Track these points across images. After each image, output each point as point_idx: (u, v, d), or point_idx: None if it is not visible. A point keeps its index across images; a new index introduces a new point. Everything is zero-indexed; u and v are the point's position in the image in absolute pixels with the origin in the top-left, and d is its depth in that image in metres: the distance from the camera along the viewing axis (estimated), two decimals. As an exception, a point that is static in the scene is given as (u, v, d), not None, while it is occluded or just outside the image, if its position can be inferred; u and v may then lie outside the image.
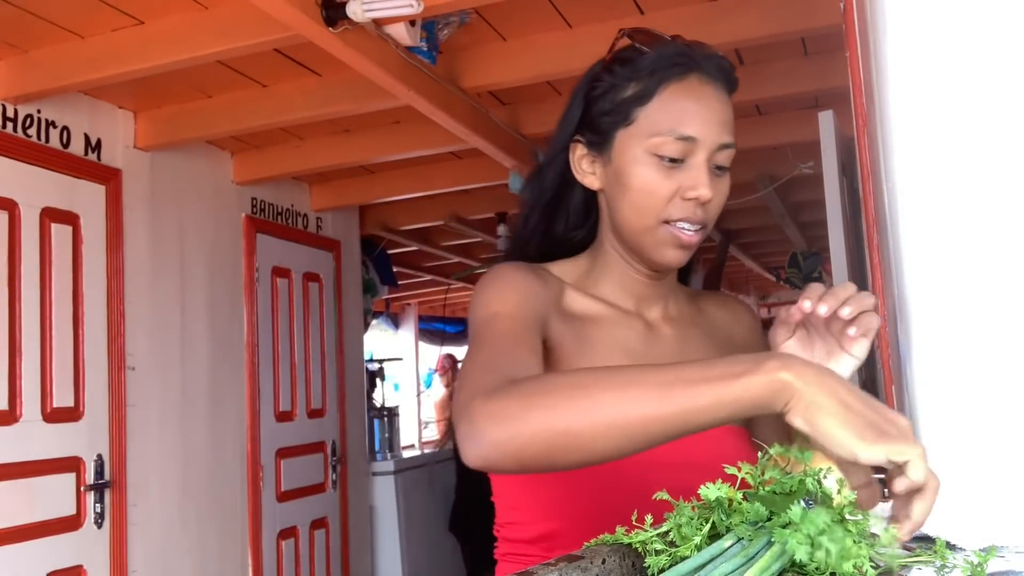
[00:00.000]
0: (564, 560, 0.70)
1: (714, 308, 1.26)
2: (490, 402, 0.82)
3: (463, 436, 0.82)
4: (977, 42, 0.94)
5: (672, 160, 1.03)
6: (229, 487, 3.80)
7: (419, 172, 4.29)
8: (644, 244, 1.08)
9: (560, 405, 0.78)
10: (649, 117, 1.05)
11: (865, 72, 1.16)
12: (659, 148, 1.03)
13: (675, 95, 1.04)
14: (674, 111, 1.04)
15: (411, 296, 7.99)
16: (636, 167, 1.05)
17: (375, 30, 2.46)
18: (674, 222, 1.05)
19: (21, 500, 2.80)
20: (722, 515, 0.68)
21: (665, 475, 0.97)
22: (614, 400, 0.77)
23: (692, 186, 1.03)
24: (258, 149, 3.90)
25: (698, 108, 1.04)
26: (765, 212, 5.19)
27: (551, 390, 0.80)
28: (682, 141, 1.03)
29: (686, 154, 1.03)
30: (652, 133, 1.04)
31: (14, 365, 2.80)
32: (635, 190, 1.06)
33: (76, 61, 2.70)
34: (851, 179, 2.35)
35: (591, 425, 0.77)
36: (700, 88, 1.05)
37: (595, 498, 1.03)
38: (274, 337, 4.17)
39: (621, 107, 1.07)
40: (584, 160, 1.12)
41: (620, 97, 1.07)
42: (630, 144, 1.06)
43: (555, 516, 1.07)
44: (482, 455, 0.81)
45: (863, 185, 1.21)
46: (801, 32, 2.77)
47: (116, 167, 3.26)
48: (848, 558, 0.61)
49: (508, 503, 1.13)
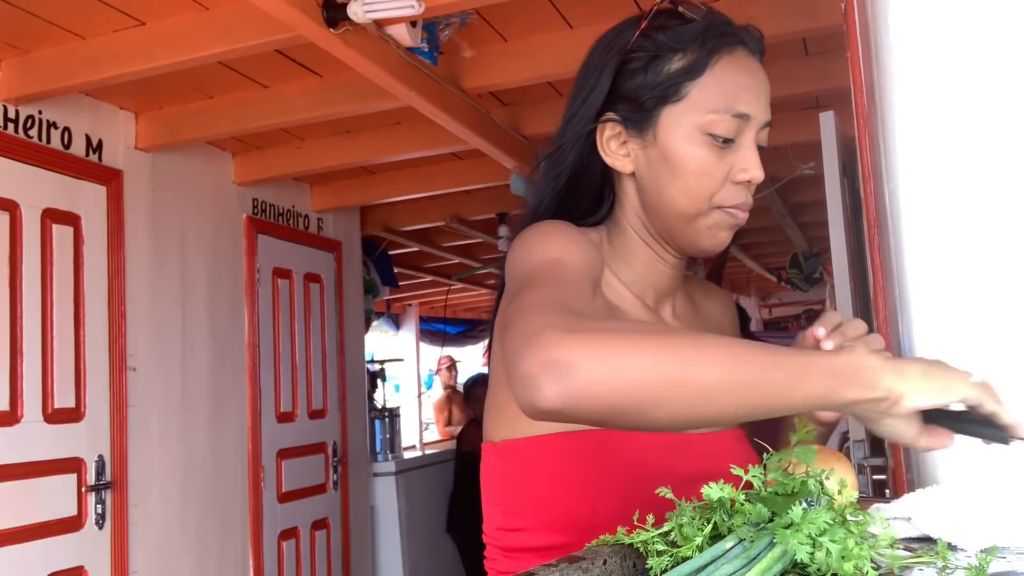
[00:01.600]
0: (565, 561, 0.70)
1: (703, 298, 1.21)
2: (579, 331, 0.70)
3: (537, 367, 0.68)
4: (978, 42, 0.94)
5: (725, 140, 0.97)
6: (230, 488, 3.80)
7: (420, 173, 4.29)
8: (693, 229, 1.01)
9: (674, 352, 0.70)
10: (702, 92, 0.97)
11: (866, 73, 1.16)
12: (713, 126, 0.96)
13: (728, 68, 0.97)
14: (729, 86, 0.97)
15: (412, 297, 7.98)
16: (688, 146, 0.97)
17: (376, 31, 2.46)
18: (727, 208, 0.99)
19: (22, 501, 2.80)
20: (724, 516, 0.67)
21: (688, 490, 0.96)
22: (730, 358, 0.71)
23: (745, 168, 0.97)
24: (259, 150, 3.90)
25: (751, 83, 0.98)
26: (766, 213, 5.18)
27: (657, 334, 0.74)
28: (737, 119, 0.96)
29: (737, 133, 0.97)
30: (706, 110, 0.96)
31: (15, 366, 2.80)
32: (690, 172, 0.97)
33: (77, 62, 2.70)
34: (852, 180, 2.35)
35: (706, 378, 0.69)
36: (748, 62, 1.00)
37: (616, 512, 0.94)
38: (275, 338, 4.17)
39: (668, 81, 0.97)
40: (614, 140, 1.02)
41: (667, 69, 0.98)
42: (680, 122, 0.97)
43: (570, 529, 0.97)
44: (569, 392, 0.67)
45: (864, 186, 1.21)
46: (802, 33, 2.77)
47: (117, 168, 3.26)
48: (849, 559, 0.61)
49: (510, 509, 1.03)
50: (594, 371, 0.68)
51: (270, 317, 4.14)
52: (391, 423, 5.46)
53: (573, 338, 0.69)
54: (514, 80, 3.02)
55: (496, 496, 1.05)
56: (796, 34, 2.76)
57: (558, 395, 0.67)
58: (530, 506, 1.00)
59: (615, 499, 0.96)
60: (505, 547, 1.04)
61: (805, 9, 2.58)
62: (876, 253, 1.19)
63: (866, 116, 1.20)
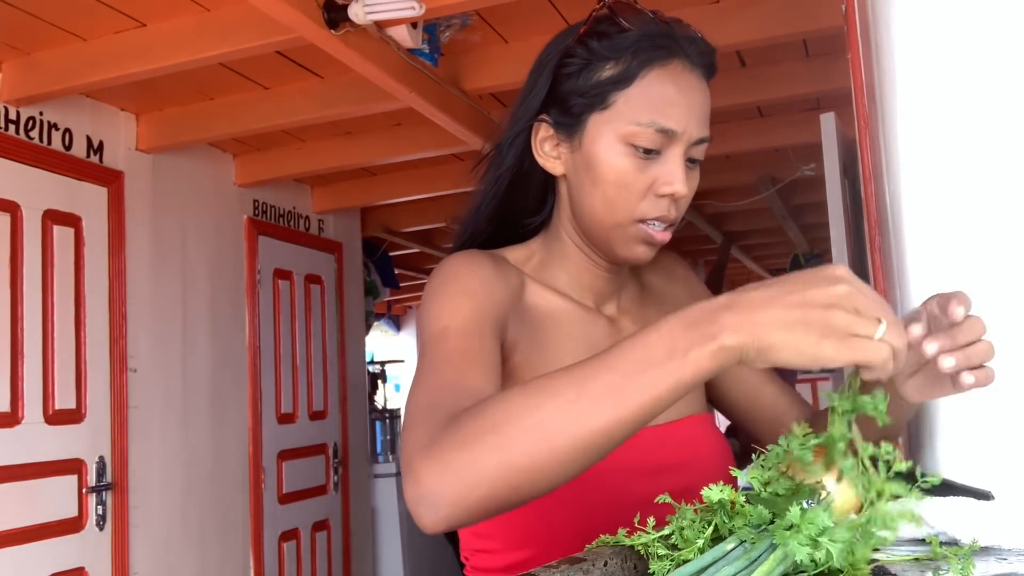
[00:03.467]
0: (566, 562, 0.69)
1: (652, 277, 1.18)
2: (432, 456, 0.72)
3: (412, 500, 0.73)
4: (979, 43, 0.94)
5: (647, 152, 0.95)
6: (231, 489, 3.80)
7: (420, 174, 4.29)
8: (612, 239, 1.00)
9: (512, 440, 0.70)
10: (628, 102, 0.95)
11: (867, 74, 1.16)
12: (636, 138, 0.95)
13: (657, 81, 0.95)
14: (656, 100, 0.95)
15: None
16: (609, 156, 0.96)
17: (377, 32, 2.46)
18: (648, 221, 0.97)
19: (23, 502, 2.80)
20: (724, 517, 0.67)
21: (643, 483, 0.95)
22: (569, 418, 0.69)
23: (668, 181, 0.95)
24: (260, 151, 3.90)
25: (681, 99, 0.95)
26: (767, 214, 5.19)
27: (496, 424, 0.71)
28: (661, 134, 0.94)
29: (663, 146, 0.95)
30: (630, 121, 0.95)
31: (16, 367, 2.80)
32: (609, 182, 0.96)
33: (78, 63, 2.71)
34: (853, 181, 2.35)
35: (552, 451, 0.69)
36: (683, 76, 0.96)
37: (571, 520, 0.96)
38: (276, 339, 4.17)
39: (597, 88, 0.97)
40: (547, 142, 1.02)
41: (596, 77, 0.97)
42: (604, 131, 0.97)
43: (529, 543, 0.98)
44: (441, 519, 0.72)
45: (864, 187, 1.21)
46: (803, 34, 2.77)
47: (118, 169, 3.26)
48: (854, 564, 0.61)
49: (476, 531, 1.04)
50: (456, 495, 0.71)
51: (271, 318, 4.14)
52: (392, 424, 5.46)
53: (431, 466, 0.72)
54: (515, 81, 3.00)
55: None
56: (797, 35, 2.77)
57: (435, 522, 0.72)
58: (490, 525, 1.00)
59: (569, 506, 0.95)
60: (477, 567, 1.05)
61: (806, 10, 2.59)
62: (877, 254, 1.19)
63: (867, 117, 1.20)
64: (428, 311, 0.95)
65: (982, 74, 0.94)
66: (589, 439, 0.69)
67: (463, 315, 0.92)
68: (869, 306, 0.64)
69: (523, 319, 1.01)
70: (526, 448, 0.70)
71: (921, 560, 0.70)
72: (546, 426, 0.70)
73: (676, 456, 1.01)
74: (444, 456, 0.72)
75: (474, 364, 0.88)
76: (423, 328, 0.94)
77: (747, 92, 3.30)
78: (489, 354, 0.90)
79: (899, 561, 0.70)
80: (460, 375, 0.86)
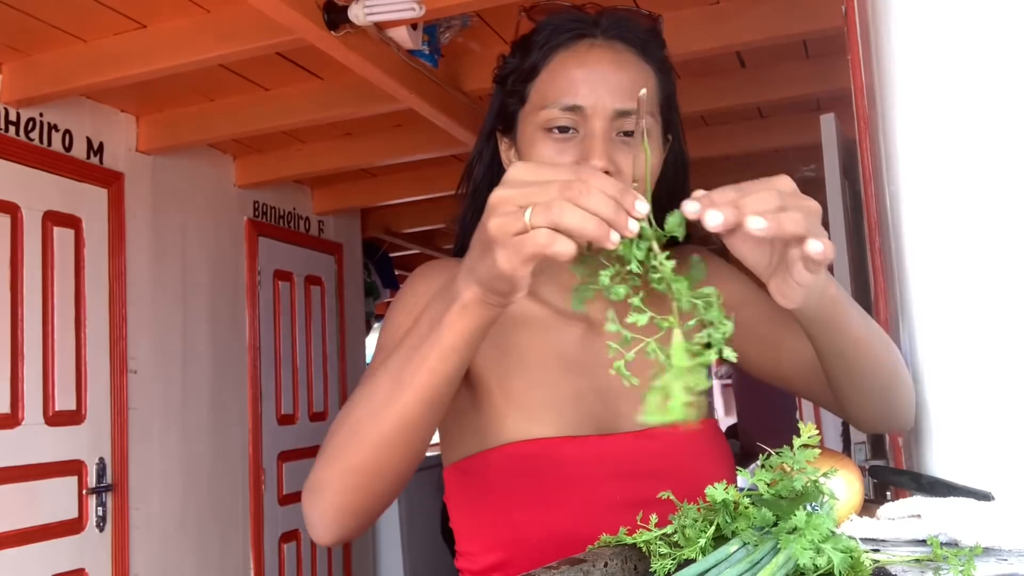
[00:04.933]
0: (566, 563, 0.69)
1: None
2: (307, 481, 0.81)
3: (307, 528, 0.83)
4: (979, 45, 0.94)
5: (562, 130, 0.94)
6: (231, 490, 3.80)
7: (421, 175, 4.29)
8: None
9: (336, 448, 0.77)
10: (539, 91, 0.97)
11: (867, 75, 1.16)
12: (548, 122, 0.94)
13: (561, 64, 0.96)
14: (559, 81, 0.95)
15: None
16: (533, 147, 0.96)
17: (377, 33, 2.46)
18: None
19: (23, 503, 2.80)
20: (727, 518, 0.67)
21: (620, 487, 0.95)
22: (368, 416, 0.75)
23: (585, 157, 0.91)
24: (260, 152, 3.90)
25: (585, 75, 0.94)
26: (767, 215, 5.18)
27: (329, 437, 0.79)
28: (569, 112, 0.93)
29: (578, 124, 0.94)
30: (540, 107, 0.96)
31: (16, 368, 2.80)
32: None
33: (78, 65, 2.71)
34: (853, 182, 2.35)
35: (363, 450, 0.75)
36: (590, 52, 0.96)
37: (536, 523, 0.95)
38: (276, 340, 4.17)
39: (516, 86, 1.00)
40: (509, 151, 1.04)
41: (516, 76, 1.01)
42: (527, 123, 0.98)
43: (500, 546, 0.97)
44: (323, 536, 0.80)
45: (865, 188, 1.21)
46: (803, 35, 2.77)
47: (118, 171, 3.26)
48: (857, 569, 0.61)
49: (459, 532, 1.05)
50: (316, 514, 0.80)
51: (271, 319, 4.14)
52: (392, 425, 5.46)
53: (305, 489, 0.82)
54: (515, 83, 3.02)
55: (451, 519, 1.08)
56: (797, 36, 2.77)
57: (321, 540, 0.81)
58: (467, 529, 1.03)
59: (533, 509, 0.95)
60: (463, 568, 1.06)
61: (806, 12, 2.59)
62: (877, 255, 1.19)
63: (867, 118, 1.20)
64: (383, 325, 1.00)
65: (981, 75, 0.94)
66: (389, 431, 0.75)
67: (397, 331, 0.92)
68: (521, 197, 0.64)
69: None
70: (344, 453, 0.77)
71: (922, 561, 0.70)
72: (355, 428, 0.76)
73: (654, 463, 0.99)
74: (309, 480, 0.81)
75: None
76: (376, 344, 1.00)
77: (747, 93, 3.30)
78: None
79: (900, 562, 0.70)
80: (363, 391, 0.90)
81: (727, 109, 3.46)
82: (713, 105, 3.34)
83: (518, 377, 1.00)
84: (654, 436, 1.00)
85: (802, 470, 0.66)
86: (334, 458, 0.77)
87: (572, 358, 1.02)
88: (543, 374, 0.99)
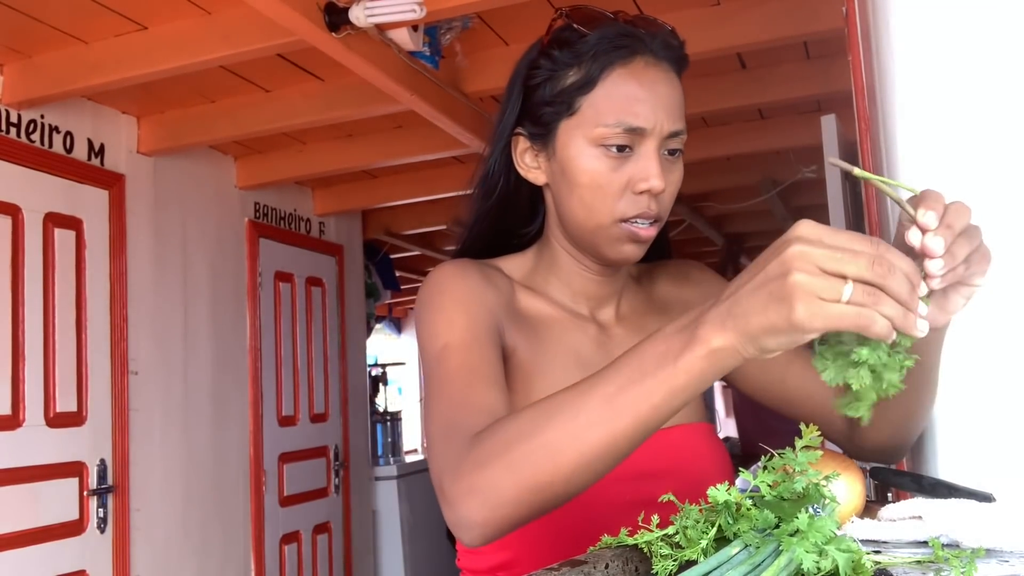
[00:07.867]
0: (567, 565, 0.69)
1: (663, 285, 1.18)
2: (457, 480, 0.77)
3: (452, 523, 0.79)
4: (980, 45, 0.94)
5: (619, 149, 0.96)
6: (232, 492, 3.80)
7: (421, 176, 4.29)
8: (597, 242, 1.00)
9: (522, 460, 0.74)
10: (593, 106, 0.97)
11: (867, 76, 1.16)
12: (605, 139, 0.96)
13: (620, 81, 0.96)
14: (620, 99, 0.95)
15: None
16: (582, 160, 0.97)
17: (378, 35, 2.46)
18: (629, 220, 0.97)
19: (24, 505, 2.80)
20: (729, 519, 0.67)
21: (624, 488, 0.96)
22: (569, 436, 0.72)
23: (643, 178, 0.95)
24: (261, 154, 3.90)
25: (646, 95, 0.95)
26: (768, 216, 5.18)
27: (508, 445, 0.76)
28: (630, 133, 0.95)
29: (634, 144, 0.96)
30: (597, 124, 0.96)
31: (17, 370, 2.80)
32: (583, 186, 0.98)
33: (80, 66, 2.71)
34: (854, 183, 2.35)
35: (557, 469, 0.73)
36: (646, 72, 0.97)
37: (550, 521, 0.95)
38: (277, 342, 4.17)
39: (562, 96, 0.98)
40: (527, 154, 1.04)
41: (561, 85, 0.99)
42: (574, 136, 0.98)
43: (510, 544, 0.98)
44: (479, 536, 0.77)
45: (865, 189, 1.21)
46: (803, 36, 2.77)
47: (119, 172, 3.26)
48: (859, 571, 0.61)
49: None
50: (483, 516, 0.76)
51: (272, 321, 4.14)
52: (393, 427, 5.46)
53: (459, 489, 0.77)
54: (515, 84, 3.02)
55: None
56: (797, 37, 2.77)
57: (473, 540, 0.78)
58: None
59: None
60: (467, 567, 1.07)
61: (806, 13, 2.59)
62: (878, 256, 1.18)
63: (867, 119, 1.20)
64: (424, 328, 0.97)
65: (982, 75, 0.94)
66: (591, 454, 0.72)
67: (459, 329, 0.94)
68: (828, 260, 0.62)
69: (517, 323, 1.03)
70: (533, 468, 0.74)
71: (923, 563, 0.70)
72: (551, 445, 0.73)
73: (658, 463, 1.01)
74: (466, 479, 0.77)
75: (479, 377, 0.90)
76: (424, 348, 0.97)
77: (748, 94, 3.30)
78: (491, 363, 0.93)
79: (901, 563, 0.70)
80: (468, 392, 0.88)
81: (727, 110, 3.46)
82: (714, 106, 3.34)
83: (540, 377, 1.01)
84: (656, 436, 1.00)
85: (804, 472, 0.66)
86: (519, 468, 0.74)
87: (590, 359, 1.04)
88: (564, 375, 0.99)
